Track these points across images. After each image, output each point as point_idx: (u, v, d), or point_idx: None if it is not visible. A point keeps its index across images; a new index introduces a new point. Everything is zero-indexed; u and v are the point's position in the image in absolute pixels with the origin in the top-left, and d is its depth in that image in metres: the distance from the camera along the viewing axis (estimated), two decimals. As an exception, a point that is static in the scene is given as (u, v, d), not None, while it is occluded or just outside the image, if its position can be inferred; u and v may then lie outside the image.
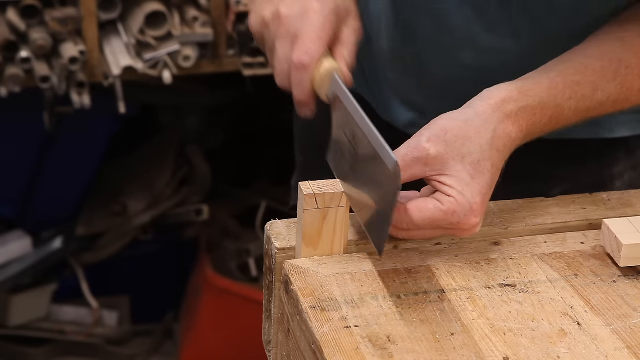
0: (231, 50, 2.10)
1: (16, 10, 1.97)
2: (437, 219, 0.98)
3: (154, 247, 2.54)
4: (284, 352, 1.01)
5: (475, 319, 0.93)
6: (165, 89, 2.11)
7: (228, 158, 2.67)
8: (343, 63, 1.05)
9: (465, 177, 0.99)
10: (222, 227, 2.53)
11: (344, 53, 1.06)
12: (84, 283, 2.43)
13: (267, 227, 1.03)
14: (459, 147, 0.99)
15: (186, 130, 2.57)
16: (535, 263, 1.01)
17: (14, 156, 2.32)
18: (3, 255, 2.35)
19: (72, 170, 2.37)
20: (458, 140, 1.00)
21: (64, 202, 2.40)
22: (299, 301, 0.94)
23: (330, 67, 1.03)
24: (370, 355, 0.88)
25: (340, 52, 1.06)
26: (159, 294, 2.59)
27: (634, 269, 1.01)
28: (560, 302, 0.96)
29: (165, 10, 2.01)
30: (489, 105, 1.02)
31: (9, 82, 1.99)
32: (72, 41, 1.99)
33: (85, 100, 2.02)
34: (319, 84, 1.03)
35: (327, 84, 1.03)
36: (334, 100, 1.03)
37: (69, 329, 2.46)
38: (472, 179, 0.99)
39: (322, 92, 1.04)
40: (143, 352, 2.52)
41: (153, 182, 2.43)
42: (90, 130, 2.32)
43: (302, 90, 1.04)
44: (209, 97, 2.52)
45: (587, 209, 1.09)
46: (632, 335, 0.92)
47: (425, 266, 1.00)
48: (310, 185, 0.98)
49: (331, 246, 1.00)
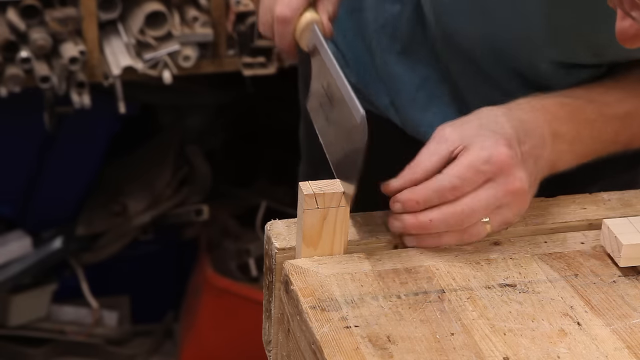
0: (231, 50, 2.10)
1: (16, 10, 1.97)
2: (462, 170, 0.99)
3: (154, 247, 2.54)
4: (284, 352, 1.01)
5: (475, 319, 0.93)
6: (165, 89, 2.11)
7: (228, 158, 2.67)
8: (325, 15, 1.08)
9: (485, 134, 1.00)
10: (222, 227, 2.53)
11: (327, 5, 1.09)
12: (84, 283, 2.43)
13: (267, 227, 1.03)
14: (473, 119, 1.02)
15: (186, 130, 2.57)
16: (535, 263, 1.01)
17: (14, 156, 2.32)
18: (3, 255, 2.35)
19: (72, 170, 2.37)
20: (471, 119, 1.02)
21: (64, 202, 2.40)
22: (299, 301, 0.94)
23: (311, 19, 1.07)
24: (370, 355, 0.88)
25: (323, 3, 1.08)
26: (159, 294, 2.58)
27: (634, 269, 1.01)
28: (560, 302, 0.96)
29: (165, 10, 2.01)
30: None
31: (9, 82, 1.99)
32: (72, 41, 1.99)
33: (85, 100, 2.02)
34: (299, 34, 1.08)
35: (307, 36, 1.07)
36: (313, 51, 1.06)
37: (69, 329, 2.46)
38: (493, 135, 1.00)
39: (302, 43, 1.08)
40: (143, 352, 2.52)
41: (153, 182, 2.43)
42: (90, 130, 2.31)
43: (284, 42, 1.09)
44: (209, 97, 2.52)
45: (587, 209, 1.09)
46: (632, 335, 0.92)
47: (425, 266, 1.00)
48: (310, 185, 0.98)
49: (331, 246, 1.00)
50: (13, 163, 2.32)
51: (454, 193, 0.99)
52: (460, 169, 0.99)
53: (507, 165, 0.99)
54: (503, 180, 1.00)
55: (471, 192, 0.99)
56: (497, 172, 0.99)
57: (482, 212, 1.00)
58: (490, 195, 1.00)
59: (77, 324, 2.46)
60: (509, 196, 1.00)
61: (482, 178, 0.99)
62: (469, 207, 0.99)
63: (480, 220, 1.00)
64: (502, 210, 1.01)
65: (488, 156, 0.99)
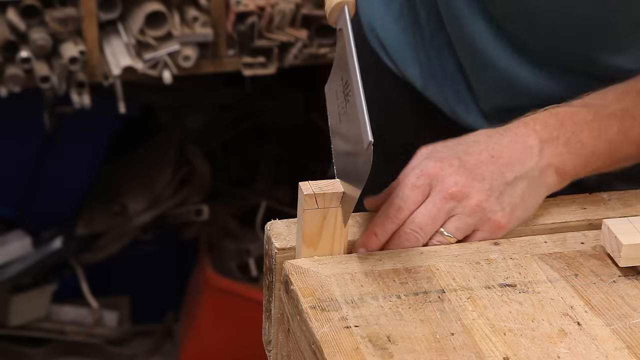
0: (231, 50, 2.10)
1: (16, 10, 1.97)
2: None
3: (154, 247, 2.54)
4: (284, 352, 1.01)
5: (475, 319, 0.93)
6: (165, 89, 2.11)
7: (228, 158, 2.67)
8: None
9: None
10: (222, 227, 2.53)
11: None
12: (84, 283, 2.44)
13: (267, 227, 1.03)
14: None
15: (186, 130, 2.58)
16: (535, 263, 1.01)
17: (14, 156, 2.32)
18: (3, 255, 2.35)
19: (72, 170, 2.37)
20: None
21: (64, 202, 2.40)
22: (299, 301, 0.94)
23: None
24: (370, 355, 0.88)
25: None
26: (159, 294, 2.59)
27: (634, 269, 1.01)
28: (560, 302, 0.96)
29: (165, 10, 2.01)
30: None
31: (9, 82, 1.99)
32: (72, 41, 1.99)
33: (85, 100, 2.02)
34: (329, 9, 1.06)
35: (336, 14, 1.06)
36: (339, 34, 1.05)
37: (69, 329, 2.46)
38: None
39: (331, 20, 1.07)
40: (143, 352, 2.52)
41: (153, 182, 2.43)
42: (90, 130, 2.32)
43: None
44: (209, 97, 2.52)
45: (587, 209, 1.09)
46: (632, 335, 0.92)
47: (425, 266, 1.00)
48: (310, 185, 0.98)
49: (331, 246, 1.00)
50: (13, 163, 2.32)
51: (402, 213, 1.01)
52: (400, 189, 1.02)
53: (439, 174, 1.02)
54: (438, 188, 1.02)
55: (415, 210, 1.02)
56: (432, 183, 1.02)
57: (430, 225, 1.02)
58: (430, 206, 1.02)
59: (77, 324, 2.47)
60: (450, 201, 1.01)
61: (420, 193, 1.02)
62: (415, 225, 1.01)
63: (438, 233, 1.02)
64: (456, 218, 1.02)
65: (419, 171, 1.03)
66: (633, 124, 1.08)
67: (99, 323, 2.47)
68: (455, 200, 1.01)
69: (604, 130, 1.07)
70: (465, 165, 1.03)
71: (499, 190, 1.03)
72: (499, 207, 1.02)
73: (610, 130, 1.08)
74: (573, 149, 1.06)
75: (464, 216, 1.02)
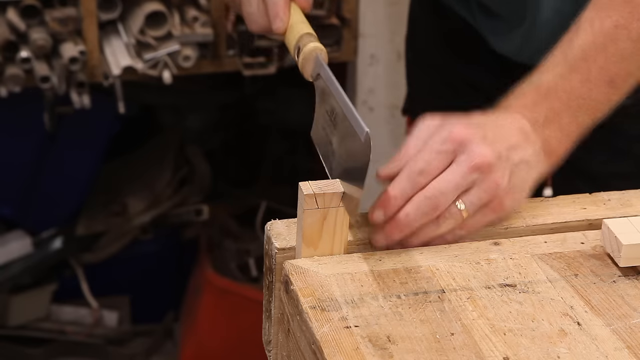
0: (231, 50, 2.10)
1: (16, 10, 1.97)
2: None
3: (154, 247, 2.54)
4: (284, 352, 1.01)
5: (475, 319, 0.93)
6: (165, 89, 2.11)
7: (228, 158, 2.68)
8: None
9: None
10: (222, 227, 2.53)
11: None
12: (84, 283, 2.44)
13: (267, 227, 1.03)
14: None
15: (186, 130, 2.58)
16: (535, 263, 1.01)
17: (14, 156, 2.32)
18: (3, 255, 2.35)
19: (72, 170, 2.37)
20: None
21: (64, 202, 2.40)
22: (299, 301, 0.94)
23: (314, 47, 1.07)
24: (370, 355, 0.88)
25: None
26: (159, 294, 2.59)
27: (634, 269, 1.01)
28: (560, 302, 0.96)
29: (165, 10, 2.01)
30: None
31: (9, 82, 1.99)
32: (72, 41, 1.99)
33: (85, 100, 2.02)
34: (302, 64, 1.07)
35: (311, 65, 1.07)
36: (316, 78, 1.06)
37: (69, 329, 2.46)
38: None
39: (306, 73, 1.08)
40: (143, 352, 2.52)
41: (153, 182, 2.44)
42: (90, 130, 2.32)
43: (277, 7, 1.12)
44: (208, 97, 2.53)
45: (587, 209, 1.09)
46: (632, 335, 0.92)
47: (425, 266, 1.00)
48: (310, 185, 0.98)
49: (331, 246, 1.00)
50: (13, 163, 2.32)
51: (424, 177, 0.99)
52: (425, 152, 1.00)
53: (466, 141, 1.00)
54: (465, 157, 1.00)
55: (438, 176, 1.00)
56: (457, 150, 1.00)
57: (452, 192, 1.00)
58: (456, 173, 0.99)
59: (77, 324, 2.47)
60: (475, 172, 1.00)
61: (444, 158, 1.00)
62: (437, 190, 0.99)
63: (454, 204, 1.00)
64: (474, 191, 1.00)
65: (446, 135, 1.00)
66: (590, 68, 1.08)
67: (99, 323, 2.48)
68: (478, 172, 1.00)
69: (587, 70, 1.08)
70: (487, 138, 1.01)
71: (510, 170, 1.02)
72: (509, 187, 1.01)
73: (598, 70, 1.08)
74: (556, 126, 1.07)
75: (480, 191, 1.00)
